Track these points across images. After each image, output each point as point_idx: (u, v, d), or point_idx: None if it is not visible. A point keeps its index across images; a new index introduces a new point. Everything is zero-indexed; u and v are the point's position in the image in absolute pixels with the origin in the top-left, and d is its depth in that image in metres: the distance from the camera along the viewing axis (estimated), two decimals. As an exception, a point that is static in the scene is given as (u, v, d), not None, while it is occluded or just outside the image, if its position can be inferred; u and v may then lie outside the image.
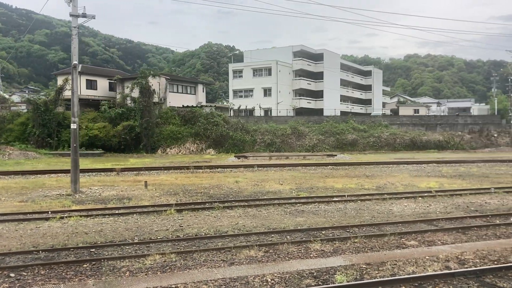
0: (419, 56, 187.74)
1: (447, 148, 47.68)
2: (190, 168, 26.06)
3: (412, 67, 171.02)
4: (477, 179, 21.38)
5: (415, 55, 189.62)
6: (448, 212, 12.57)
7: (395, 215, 12.16)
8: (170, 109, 48.32)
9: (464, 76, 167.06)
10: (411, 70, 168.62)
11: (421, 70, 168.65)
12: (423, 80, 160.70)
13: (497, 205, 13.68)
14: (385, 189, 17.68)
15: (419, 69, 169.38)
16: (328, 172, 25.34)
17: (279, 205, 13.54)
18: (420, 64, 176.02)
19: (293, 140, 47.84)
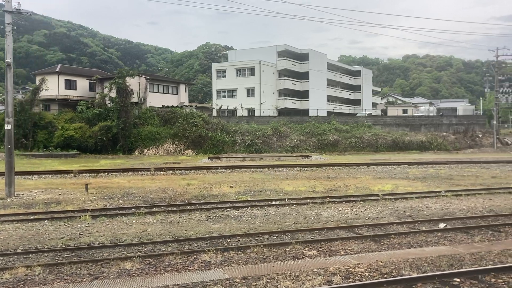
0: (417, 56, 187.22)
1: (429, 149, 47.01)
2: (151, 170, 25.41)
3: (410, 68, 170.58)
4: (438, 181, 20.74)
5: (414, 55, 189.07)
6: (378, 217, 11.93)
7: (320, 220, 11.52)
8: (150, 109, 47.68)
9: (463, 77, 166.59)
10: (409, 71, 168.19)
11: (419, 71, 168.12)
12: (421, 81, 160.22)
13: (436, 210, 13.04)
14: (334, 192, 17.05)
15: (417, 69, 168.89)
16: (292, 173, 24.71)
17: (207, 210, 12.91)
18: (419, 65, 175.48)
19: (274, 141, 47.19)
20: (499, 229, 10.46)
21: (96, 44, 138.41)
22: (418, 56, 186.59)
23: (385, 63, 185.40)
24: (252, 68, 55.65)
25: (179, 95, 54.03)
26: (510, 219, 11.75)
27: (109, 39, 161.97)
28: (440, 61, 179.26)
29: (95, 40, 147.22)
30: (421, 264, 7.63)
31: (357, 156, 39.92)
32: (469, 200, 14.70)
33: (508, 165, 29.44)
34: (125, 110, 43.97)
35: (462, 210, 12.96)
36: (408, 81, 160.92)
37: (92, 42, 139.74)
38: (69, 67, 58.42)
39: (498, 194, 15.97)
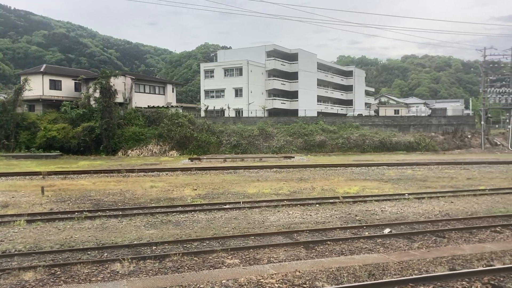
0: (416, 56, 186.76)
1: (417, 149, 46.53)
2: (122, 172, 24.95)
3: (409, 68, 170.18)
4: (410, 183, 20.28)
5: (413, 55, 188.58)
6: (325, 222, 11.47)
7: (263, 225, 11.06)
8: (134, 109, 47.22)
9: (461, 77, 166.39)
10: (408, 71, 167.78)
11: (418, 71, 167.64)
12: (420, 81, 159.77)
13: (390, 214, 12.58)
14: (297, 194, 16.59)
15: (416, 69, 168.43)
16: (266, 175, 24.24)
17: (152, 214, 12.44)
18: (417, 65, 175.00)
19: (260, 142, 46.72)
20: (444, 235, 10.00)
21: (95, 45, 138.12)
22: (417, 56, 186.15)
23: (384, 63, 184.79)
24: (240, 68, 55.14)
25: (166, 95, 53.57)
26: (461, 223, 11.29)
27: (108, 39, 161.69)
28: (439, 61, 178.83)
29: (95, 41, 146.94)
30: (340, 275, 7.18)
31: (341, 157, 39.45)
32: (430, 204, 14.24)
33: (489, 166, 29.00)
34: (109, 110, 43.49)
35: (417, 214, 12.50)
36: (407, 82, 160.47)
37: (91, 42, 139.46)
38: (54, 67, 57.93)
39: (462, 197, 15.52)
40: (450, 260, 8.03)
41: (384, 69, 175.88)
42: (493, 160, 33.37)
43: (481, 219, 11.72)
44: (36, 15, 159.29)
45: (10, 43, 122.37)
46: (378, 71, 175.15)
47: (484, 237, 9.81)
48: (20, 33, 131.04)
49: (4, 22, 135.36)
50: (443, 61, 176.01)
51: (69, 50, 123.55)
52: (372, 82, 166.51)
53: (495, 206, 13.67)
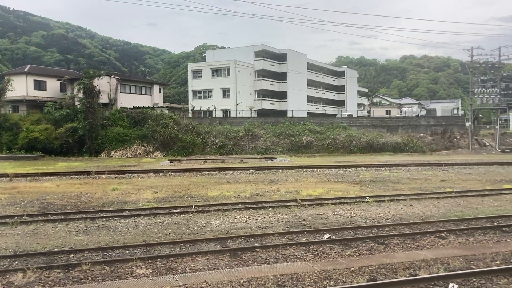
0: (415, 57, 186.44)
1: (404, 150, 46.09)
2: (92, 174, 24.49)
3: (408, 68, 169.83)
4: (380, 185, 19.83)
5: (411, 56, 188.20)
6: (268, 227, 11.02)
7: (201, 231, 10.60)
8: (119, 110, 46.78)
9: (460, 77, 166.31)
10: (407, 71, 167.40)
11: (416, 71, 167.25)
12: (418, 81, 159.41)
13: (340, 218, 12.12)
14: (259, 197, 16.16)
15: (415, 70, 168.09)
16: (239, 177, 23.79)
17: (91, 219, 11.97)
18: (416, 65, 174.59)
19: (246, 142, 46.30)
20: (383, 241, 9.55)
21: (94, 45, 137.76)
22: (416, 57, 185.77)
23: (382, 64, 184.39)
24: (227, 68, 54.71)
25: (153, 95, 53.11)
26: (409, 228, 10.84)
27: (107, 40, 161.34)
28: (438, 62, 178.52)
29: (94, 41, 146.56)
30: (249, 286, 6.72)
31: (325, 158, 39.01)
32: (387, 207, 13.78)
33: (469, 167, 28.55)
34: (92, 111, 43.03)
35: (368, 219, 12.05)
36: (405, 82, 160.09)
37: (90, 43, 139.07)
38: (39, 67, 57.47)
39: (425, 200, 15.06)
40: (376, 269, 7.58)
41: (383, 70, 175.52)
42: (477, 161, 32.95)
43: (431, 224, 11.26)
44: (35, 16, 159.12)
45: (8, 44, 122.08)
46: (377, 71, 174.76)
47: (424, 244, 9.36)
48: (19, 33, 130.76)
49: (3, 23, 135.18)
50: (441, 62, 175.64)
51: (68, 50, 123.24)
52: (371, 82, 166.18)
53: (453, 210, 13.22)
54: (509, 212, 12.78)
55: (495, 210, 13.15)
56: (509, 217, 12.04)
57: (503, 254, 8.47)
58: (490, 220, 11.68)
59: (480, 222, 11.53)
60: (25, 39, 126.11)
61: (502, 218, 11.95)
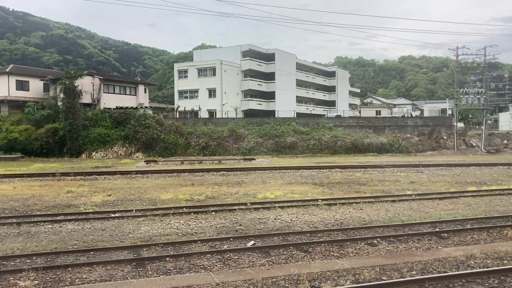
0: (414, 57, 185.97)
1: (390, 151, 45.59)
2: (57, 175, 23.99)
3: (406, 69, 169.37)
4: (345, 187, 19.31)
5: (410, 56, 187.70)
6: (198, 233, 10.51)
7: (124, 238, 10.09)
8: (101, 110, 46.27)
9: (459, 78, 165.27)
10: (405, 72, 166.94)
11: (415, 72, 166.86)
12: (417, 82, 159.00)
13: (279, 223, 11.61)
14: (213, 200, 15.65)
15: (413, 70, 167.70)
16: (207, 178, 23.28)
17: (18, 224, 11.47)
18: (415, 66, 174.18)
19: (230, 143, 45.80)
20: (307, 249, 9.04)
21: (93, 46, 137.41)
22: (415, 57, 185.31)
23: (381, 64, 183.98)
24: (213, 68, 54.19)
25: (138, 96, 52.61)
26: (344, 234, 10.33)
27: (106, 40, 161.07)
28: (436, 62, 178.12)
29: (93, 42, 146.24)
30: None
31: (306, 159, 38.51)
32: (335, 211, 13.28)
33: (446, 168, 28.01)
34: (72, 111, 42.50)
35: (308, 223, 11.53)
36: (404, 83, 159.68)
37: (89, 43, 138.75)
38: (22, 67, 56.91)
39: (379, 203, 14.55)
40: (279, 280, 7.07)
41: (381, 70, 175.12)
42: (458, 162, 32.42)
43: (369, 229, 10.75)
44: (34, 16, 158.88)
45: (7, 44, 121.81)
46: (375, 72, 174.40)
47: (349, 251, 8.85)
48: (18, 34, 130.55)
49: (2, 24, 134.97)
50: (440, 62, 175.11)
51: (67, 51, 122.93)
52: (369, 83, 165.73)
53: (402, 214, 12.71)
54: (458, 216, 12.27)
55: (445, 214, 12.64)
56: (453, 221, 11.53)
57: (425, 263, 7.96)
58: (433, 225, 11.17)
59: (423, 227, 11.02)
60: (24, 39, 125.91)
61: (447, 223, 11.44)
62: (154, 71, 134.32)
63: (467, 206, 13.95)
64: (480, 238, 9.88)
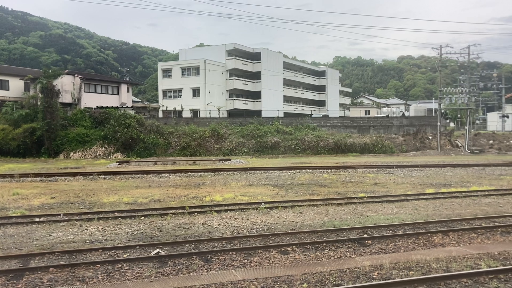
0: (412, 57, 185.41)
1: (373, 151, 44.99)
2: (15, 177, 23.41)
3: (405, 69, 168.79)
4: (303, 189, 18.72)
5: (409, 56, 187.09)
6: (108, 240, 9.90)
7: (26, 245, 9.48)
8: (81, 110, 45.67)
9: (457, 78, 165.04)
10: (404, 72, 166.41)
11: (413, 72, 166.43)
12: (415, 82, 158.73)
13: (203, 229, 11.01)
14: (157, 203, 15.06)
15: (412, 70, 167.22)
16: (170, 180, 22.69)
17: None
18: (413, 66, 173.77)
19: (212, 143, 45.21)
20: (211, 257, 8.43)
21: (92, 46, 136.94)
22: (413, 57, 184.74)
23: (379, 64, 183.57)
24: (197, 67, 53.59)
25: (121, 95, 52.03)
26: (263, 240, 9.71)
27: (106, 40, 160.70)
28: (435, 62, 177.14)
29: (92, 42, 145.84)
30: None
31: (285, 159, 37.92)
32: (273, 215, 12.67)
33: (420, 169, 27.41)
34: (50, 111, 41.90)
35: (233, 229, 10.92)
36: (402, 82, 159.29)
37: (88, 43, 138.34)
38: (2, 66, 56.38)
39: (323, 206, 13.95)
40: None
41: (380, 70, 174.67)
42: (436, 163, 31.78)
43: (293, 235, 10.14)
44: (33, 16, 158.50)
45: (6, 44, 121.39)
46: (374, 71, 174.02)
47: (254, 260, 8.25)
48: (17, 34, 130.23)
49: (0, 23, 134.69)
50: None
51: (65, 51, 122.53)
52: (368, 83, 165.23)
53: (340, 218, 12.11)
54: (396, 221, 11.67)
55: (384, 218, 12.04)
56: (387, 227, 10.92)
57: (325, 274, 7.37)
58: (363, 231, 10.57)
59: (351, 233, 10.42)
60: (23, 39, 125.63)
61: (379, 228, 10.83)
62: (153, 71, 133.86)
63: (414, 210, 13.34)
64: (403, 245, 9.28)
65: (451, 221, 11.54)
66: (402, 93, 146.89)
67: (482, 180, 21.37)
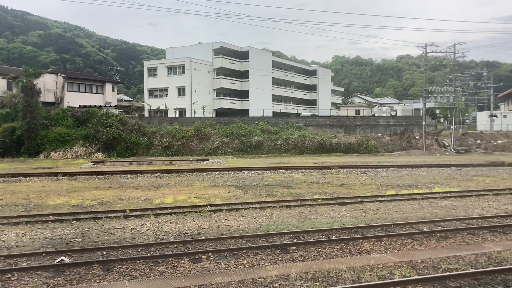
0: (411, 57, 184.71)
1: (358, 151, 44.45)
2: (-22, 177, 22.91)
3: (404, 68, 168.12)
4: (265, 189, 18.18)
5: (408, 55, 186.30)
6: (21, 246, 9.37)
7: None
8: (63, 109, 45.19)
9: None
10: (402, 71, 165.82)
11: (412, 71, 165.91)
12: (414, 81, 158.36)
13: (128, 234, 10.47)
14: (104, 206, 14.52)
15: (410, 69, 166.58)
16: (136, 181, 22.16)
17: None
18: (412, 65, 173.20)
19: (195, 143, 44.70)
20: (113, 266, 7.88)
21: (91, 45, 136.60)
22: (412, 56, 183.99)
23: (378, 63, 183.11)
24: (182, 66, 53.04)
25: (105, 94, 51.54)
26: (183, 247, 9.16)
27: (105, 40, 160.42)
28: (434, 61, 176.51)
29: (91, 41, 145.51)
30: None
31: (266, 159, 37.38)
32: (212, 219, 12.13)
33: (396, 169, 26.86)
34: (30, 110, 41.40)
35: (162, 234, 10.36)
36: (401, 82, 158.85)
37: (87, 43, 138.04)
38: (-16, 65, 55.79)
39: (271, 209, 13.40)
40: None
41: (379, 69, 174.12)
42: (417, 163, 31.20)
43: (219, 241, 9.59)
44: (33, 15, 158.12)
45: (5, 43, 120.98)
46: (373, 71, 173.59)
47: (159, 270, 7.71)
48: (16, 33, 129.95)
49: (0, 22, 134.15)
50: (437, 61, 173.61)
51: (64, 50, 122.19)
52: (367, 82, 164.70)
53: (280, 222, 11.55)
54: (336, 225, 11.13)
55: (325, 222, 11.49)
56: (322, 231, 10.37)
57: (221, 285, 6.83)
58: (295, 236, 10.02)
59: (281, 238, 9.86)
60: (22, 38, 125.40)
61: (313, 233, 10.29)
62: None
63: (363, 213, 12.80)
64: (327, 252, 8.74)
65: (393, 225, 11.00)
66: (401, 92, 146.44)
67: (453, 181, 20.84)
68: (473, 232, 10.25)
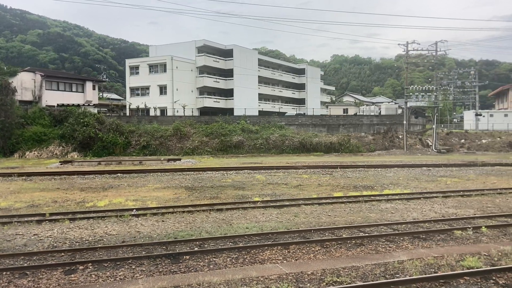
0: (410, 56, 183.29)
1: (339, 150, 43.77)
2: None
3: (402, 67, 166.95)
4: (215, 191, 17.50)
5: None
6: None
7: None
8: (40, 108, 44.51)
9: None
10: (401, 70, 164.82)
11: (411, 70, 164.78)
12: (413, 80, 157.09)
13: (24, 241, 9.80)
14: (26, 209, 13.85)
15: (409, 68, 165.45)
16: (94, 181, 21.49)
17: None
18: (411, 64, 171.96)
19: (174, 142, 44.05)
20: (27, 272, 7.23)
21: (90, 44, 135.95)
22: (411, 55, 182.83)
23: (377, 62, 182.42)
24: (164, 64, 52.33)
25: (85, 93, 50.83)
26: (69, 256, 8.49)
27: (104, 39, 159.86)
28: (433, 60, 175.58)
29: (90, 40, 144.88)
30: None
31: (243, 159, 36.72)
32: (127, 224, 11.43)
33: (365, 170, 26.16)
34: (5, 109, 40.75)
35: (60, 241, 9.71)
36: (399, 81, 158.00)
37: (86, 42, 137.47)
38: (-38, 63, 55.03)
39: (198, 213, 12.71)
40: None
41: (378, 68, 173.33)
42: (393, 163, 30.54)
43: (113, 249, 8.91)
44: (32, 14, 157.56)
45: (4, 42, 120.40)
46: (371, 70, 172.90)
47: (19, 283, 7.03)
48: (15, 32, 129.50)
49: (3, 22, 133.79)
50: (437, 60, 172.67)
51: (63, 49, 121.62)
52: (365, 81, 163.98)
53: (202, 227, 10.86)
54: (253, 230, 10.41)
55: (252, 226, 10.79)
56: (235, 238, 9.65)
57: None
58: (201, 243, 9.33)
59: (183, 246, 9.17)
60: (21, 37, 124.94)
61: (224, 239, 9.59)
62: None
63: (293, 217, 12.08)
64: (219, 262, 8.04)
65: (314, 230, 10.31)
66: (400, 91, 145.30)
67: (414, 182, 20.15)
68: (392, 239, 9.56)
